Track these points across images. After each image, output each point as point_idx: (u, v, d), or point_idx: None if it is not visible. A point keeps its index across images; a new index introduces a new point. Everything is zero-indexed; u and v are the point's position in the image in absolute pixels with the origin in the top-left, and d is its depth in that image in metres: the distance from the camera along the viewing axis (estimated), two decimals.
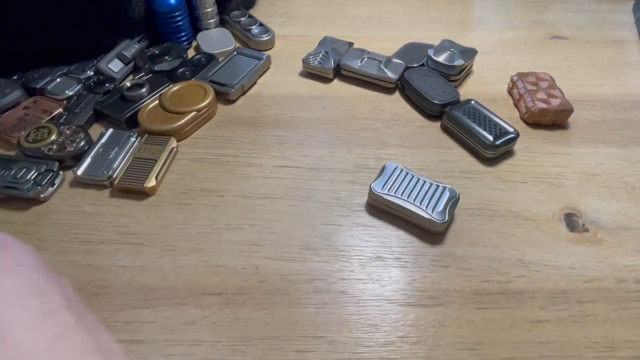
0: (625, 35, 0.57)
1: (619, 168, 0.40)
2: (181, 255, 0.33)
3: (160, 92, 0.45)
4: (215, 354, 0.28)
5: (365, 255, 0.33)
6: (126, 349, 0.28)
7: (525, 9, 0.63)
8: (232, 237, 0.34)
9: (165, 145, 0.40)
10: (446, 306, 0.30)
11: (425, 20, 0.61)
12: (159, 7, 0.51)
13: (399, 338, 0.29)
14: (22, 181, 0.36)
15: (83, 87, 0.46)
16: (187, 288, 0.31)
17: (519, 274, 0.32)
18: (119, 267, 0.32)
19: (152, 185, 0.37)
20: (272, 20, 0.59)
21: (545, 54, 0.54)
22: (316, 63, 0.49)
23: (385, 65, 0.48)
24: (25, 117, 0.43)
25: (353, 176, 0.39)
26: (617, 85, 0.49)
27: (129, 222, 0.35)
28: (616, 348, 0.28)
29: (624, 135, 0.43)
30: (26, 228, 0.35)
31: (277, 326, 0.29)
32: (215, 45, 0.53)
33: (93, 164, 0.38)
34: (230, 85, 0.46)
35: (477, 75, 0.51)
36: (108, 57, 0.49)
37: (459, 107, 0.43)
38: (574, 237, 0.34)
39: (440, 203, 0.34)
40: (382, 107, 0.46)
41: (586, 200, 0.37)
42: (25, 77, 0.47)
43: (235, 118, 0.45)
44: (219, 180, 0.39)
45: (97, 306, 0.30)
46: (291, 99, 0.47)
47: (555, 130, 0.43)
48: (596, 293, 0.31)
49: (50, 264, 0.23)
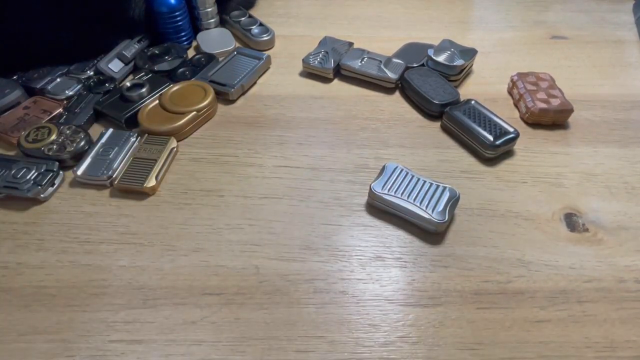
0: (625, 35, 0.57)
1: (619, 168, 0.40)
2: (181, 255, 0.33)
3: (160, 92, 0.45)
4: (215, 354, 0.28)
5: (365, 255, 0.33)
6: (126, 349, 0.28)
7: (525, 9, 0.63)
8: (232, 237, 0.34)
9: (165, 145, 0.40)
10: (446, 306, 0.30)
11: (425, 20, 0.61)
12: (159, 7, 0.51)
13: (399, 338, 0.29)
14: (22, 181, 0.36)
15: (83, 87, 0.46)
16: (187, 288, 0.31)
17: (519, 274, 0.32)
18: (119, 267, 0.32)
19: (152, 185, 0.37)
20: (272, 20, 0.59)
21: (545, 54, 0.54)
22: (316, 63, 0.49)
23: (385, 65, 0.48)
24: (25, 117, 0.43)
25: (353, 176, 0.39)
26: (617, 85, 0.49)
27: (129, 222, 0.35)
28: (616, 348, 0.28)
29: (624, 135, 0.43)
30: (26, 228, 0.35)
31: (277, 326, 0.29)
32: (215, 45, 0.53)
33: (93, 164, 0.38)
34: (230, 85, 0.46)
35: (477, 75, 0.51)
36: (108, 57, 0.49)
37: (459, 107, 0.43)
38: (574, 237, 0.34)
39: (440, 203, 0.34)
40: (382, 107, 0.46)
41: (586, 200, 0.37)
42: (25, 77, 0.47)
43: (235, 118, 0.45)
44: (219, 180, 0.39)
45: (97, 306, 0.30)
46: (291, 99, 0.47)
47: (555, 130, 0.43)
48: (596, 293, 0.31)
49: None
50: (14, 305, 0.30)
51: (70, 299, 0.30)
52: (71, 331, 0.29)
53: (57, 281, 0.31)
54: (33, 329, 0.29)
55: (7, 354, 0.28)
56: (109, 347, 0.28)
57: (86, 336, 0.28)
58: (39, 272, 0.32)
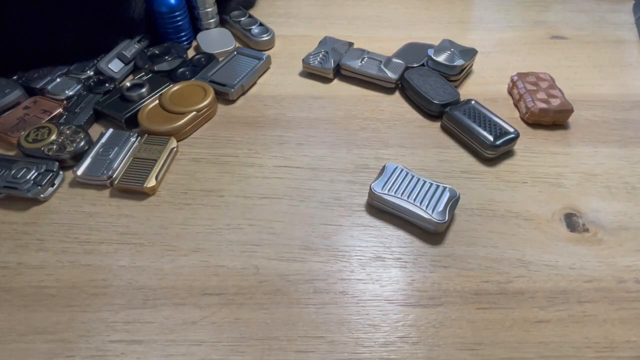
0: (625, 35, 0.57)
1: (619, 168, 0.40)
2: (181, 255, 0.33)
3: (160, 92, 0.45)
4: (215, 354, 0.28)
5: (365, 256, 0.33)
6: (126, 349, 0.28)
7: (525, 9, 0.63)
8: (232, 237, 0.34)
9: (165, 145, 0.40)
10: (446, 306, 0.30)
11: (425, 20, 0.61)
12: (159, 7, 0.51)
13: (399, 338, 0.29)
14: (22, 181, 0.36)
15: (83, 87, 0.46)
16: (187, 288, 0.31)
17: (519, 274, 0.32)
18: (119, 267, 0.32)
19: (152, 186, 0.37)
20: (272, 20, 0.59)
21: (545, 54, 0.54)
22: (316, 63, 0.49)
23: (385, 65, 0.48)
24: (25, 117, 0.43)
25: (353, 176, 0.39)
26: (617, 85, 0.49)
27: (129, 222, 0.35)
28: (616, 348, 0.28)
29: (624, 135, 0.43)
30: (26, 228, 0.35)
31: (277, 326, 0.29)
32: (215, 45, 0.53)
33: (93, 164, 0.38)
34: (230, 85, 0.46)
35: (477, 75, 0.51)
36: (108, 57, 0.49)
37: (459, 107, 0.43)
38: (574, 237, 0.34)
39: (440, 203, 0.34)
40: (382, 107, 0.46)
41: (586, 200, 0.37)
42: (25, 77, 0.47)
43: (235, 118, 0.45)
44: (219, 180, 0.39)
45: (97, 306, 0.30)
46: (291, 99, 0.47)
47: (555, 130, 0.43)
48: (596, 293, 0.31)
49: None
50: (14, 305, 0.30)
51: (70, 299, 0.30)
52: (71, 331, 0.29)
53: (57, 281, 0.31)
54: (33, 329, 0.29)
55: (7, 354, 0.28)
56: (109, 347, 0.28)
57: (86, 336, 0.28)
58: (39, 272, 0.32)
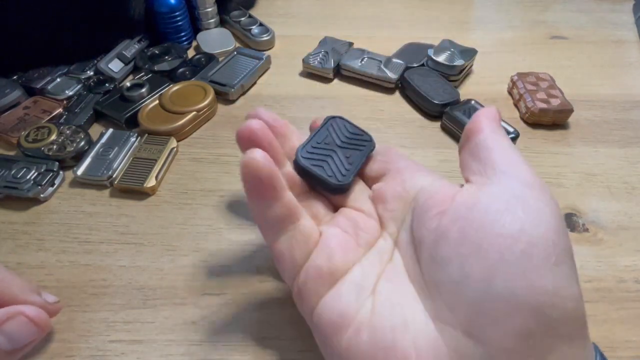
0: (625, 35, 0.57)
1: (619, 168, 0.40)
2: (181, 255, 0.33)
3: (160, 92, 0.45)
4: (215, 354, 0.28)
5: None
6: (126, 349, 0.28)
7: (525, 9, 0.63)
8: (232, 237, 0.34)
9: (165, 145, 0.40)
10: None
11: (425, 20, 0.61)
12: (159, 7, 0.51)
13: None
14: (22, 181, 0.36)
15: (83, 87, 0.46)
16: (187, 288, 0.31)
17: None
18: (119, 267, 0.32)
19: (152, 185, 0.37)
20: (272, 20, 0.59)
21: (545, 54, 0.54)
22: (316, 63, 0.49)
23: (385, 65, 0.48)
24: (25, 117, 0.43)
25: None
26: (617, 85, 0.49)
27: (129, 222, 0.35)
28: (616, 348, 0.28)
29: (624, 135, 0.43)
30: (26, 228, 0.35)
31: (278, 326, 0.29)
32: (215, 45, 0.53)
33: (93, 164, 0.38)
34: (230, 85, 0.46)
35: (477, 75, 0.51)
36: (108, 57, 0.49)
37: (459, 107, 0.43)
38: (574, 237, 0.34)
39: None
40: (382, 107, 0.46)
41: (586, 200, 0.37)
42: (25, 77, 0.47)
43: (235, 118, 0.45)
44: (219, 180, 0.39)
45: (97, 306, 0.30)
46: (291, 99, 0.47)
47: (555, 130, 0.43)
48: (596, 293, 0.31)
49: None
50: None
51: (70, 299, 0.30)
52: (71, 331, 0.29)
53: (57, 281, 0.31)
54: None
55: None
56: (109, 347, 0.28)
57: (86, 336, 0.28)
58: (39, 272, 0.32)
